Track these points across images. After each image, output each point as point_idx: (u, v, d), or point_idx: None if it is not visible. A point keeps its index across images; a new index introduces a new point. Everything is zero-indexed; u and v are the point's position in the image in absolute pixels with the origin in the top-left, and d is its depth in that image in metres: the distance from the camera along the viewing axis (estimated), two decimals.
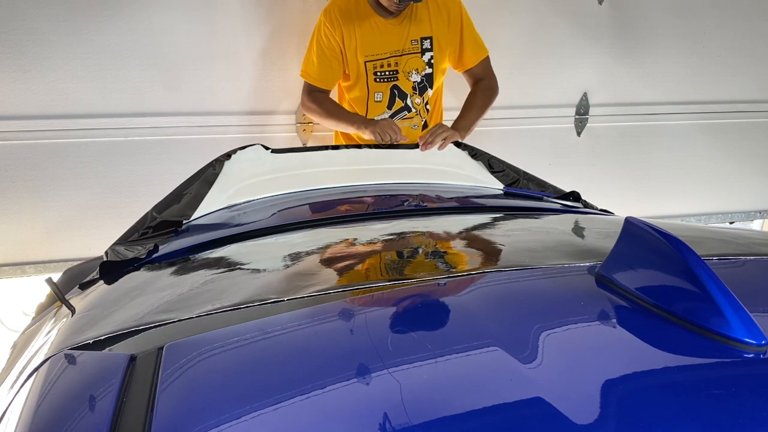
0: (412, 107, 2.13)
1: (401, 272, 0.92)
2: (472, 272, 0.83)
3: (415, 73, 2.09)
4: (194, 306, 0.77)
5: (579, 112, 2.86)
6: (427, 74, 2.11)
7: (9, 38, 2.15)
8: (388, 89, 2.11)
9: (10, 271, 2.37)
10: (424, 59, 2.09)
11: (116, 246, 1.26)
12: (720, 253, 0.81)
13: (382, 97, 2.12)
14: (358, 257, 1.02)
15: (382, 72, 2.09)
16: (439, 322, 0.67)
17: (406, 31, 2.05)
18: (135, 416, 0.53)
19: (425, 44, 2.08)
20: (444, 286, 0.77)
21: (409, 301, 0.75)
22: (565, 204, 1.52)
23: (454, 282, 0.78)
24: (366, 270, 0.94)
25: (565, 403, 0.48)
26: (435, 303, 0.75)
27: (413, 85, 2.11)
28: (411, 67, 2.08)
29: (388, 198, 1.57)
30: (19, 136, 2.25)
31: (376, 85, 2.10)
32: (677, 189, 3.12)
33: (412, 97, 2.12)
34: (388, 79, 2.10)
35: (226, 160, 1.60)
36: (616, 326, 0.64)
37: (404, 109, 2.13)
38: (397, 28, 2.05)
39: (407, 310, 0.72)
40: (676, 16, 2.84)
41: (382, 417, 0.48)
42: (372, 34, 2.06)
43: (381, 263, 0.97)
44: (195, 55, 2.35)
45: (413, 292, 0.76)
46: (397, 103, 2.12)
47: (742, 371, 0.53)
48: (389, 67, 2.09)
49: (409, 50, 2.07)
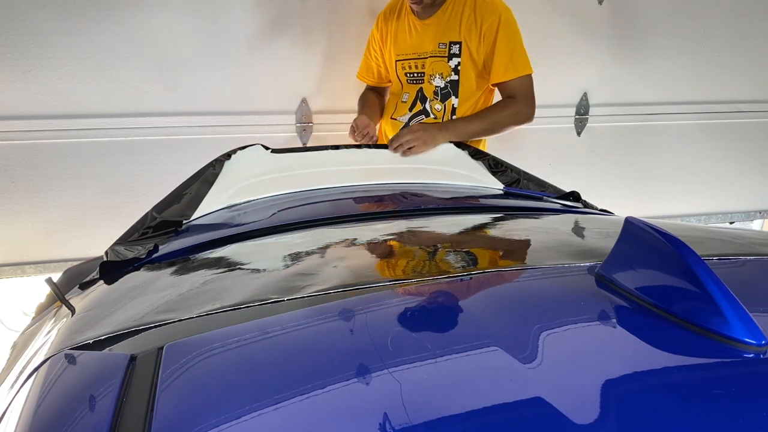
0: (431, 112, 2.05)
1: (401, 272, 0.92)
2: (472, 272, 0.83)
3: (439, 77, 2.01)
4: (194, 306, 0.77)
5: (579, 112, 2.86)
6: (452, 81, 2.00)
7: (9, 38, 2.15)
8: (414, 91, 2.09)
9: (10, 271, 2.38)
10: (450, 64, 1.99)
11: (116, 246, 1.26)
12: (720, 253, 0.81)
13: (408, 98, 2.10)
14: (358, 257, 1.02)
15: (411, 74, 2.08)
16: (439, 322, 0.67)
17: (435, 34, 2.00)
18: (135, 416, 0.53)
19: (453, 49, 1.98)
20: (444, 286, 0.77)
21: (409, 301, 0.75)
22: (565, 204, 1.52)
23: (454, 282, 0.78)
24: (366, 270, 0.94)
25: (565, 403, 0.48)
26: (435, 303, 0.75)
27: (435, 89, 2.03)
28: (435, 70, 2.01)
29: (388, 198, 1.57)
30: (19, 136, 2.25)
31: (408, 86, 2.10)
32: (677, 189, 3.12)
33: (432, 102, 2.04)
34: (416, 81, 2.08)
35: (226, 160, 1.60)
36: (616, 326, 0.64)
37: (422, 113, 2.07)
38: (427, 29, 2.02)
39: (407, 310, 0.72)
40: (676, 16, 2.84)
41: (382, 417, 0.48)
42: (403, 34, 2.06)
43: (381, 263, 0.97)
44: (195, 55, 2.35)
45: (413, 292, 0.76)
46: (417, 106, 2.08)
47: (742, 371, 0.53)
48: (416, 69, 2.06)
49: (434, 53, 2.01)
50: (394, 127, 2.11)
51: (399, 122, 2.11)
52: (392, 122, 2.13)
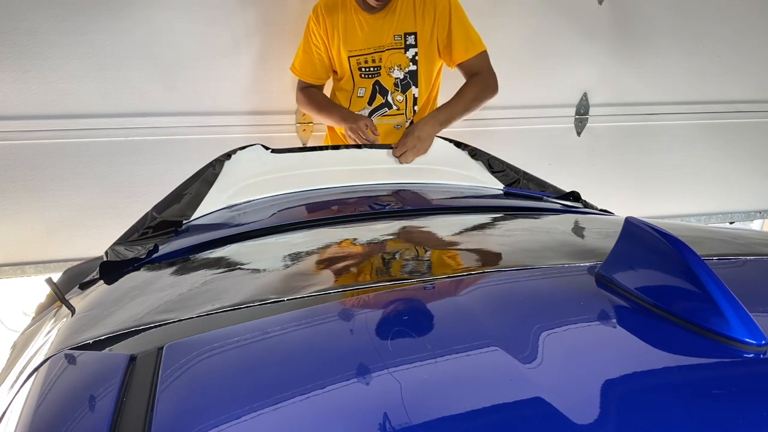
0: (393, 104, 2.09)
1: (402, 272, 0.92)
2: (472, 272, 0.83)
3: (398, 69, 2.05)
4: (194, 306, 0.77)
5: (579, 112, 2.86)
6: (411, 71, 2.06)
7: (9, 38, 2.16)
8: (370, 85, 2.09)
9: (10, 271, 2.38)
10: (407, 55, 2.05)
11: (116, 246, 1.26)
12: (720, 253, 0.81)
13: (364, 92, 2.10)
14: (359, 257, 1.02)
15: (366, 68, 2.08)
16: (439, 322, 0.67)
17: (389, 27, 2.03)
18: (135, 416, 0.53)
19: (409, 40, 2.03)
20: (444, 286, 0.77)
21: (410, 301, 0.75)
22: (565, 204, 1.52)
23: (454, 282, 0.78)
24: (366, 270, 0.94)
25: (565, 403, 0.48)
26: (435, 303, 0.75)
27: (395, 81, 2.07)
28: (393, 63, 2.05)
29: (389, 198, 1.57)
30: (19, 136, 2.25)
31: (361, 80, 2.09)
32: (677, 189, 3.12)
33: (393, 94, 2.08)
34: (371, 75, 2.08)
35: (226, 160, 1.60)
36: (616, 326, 0.64)
37: (384, 106, 2.10)
38: (379, 23, 2.03)
39: (407, 310, 0.72)
40: (676, 16, 2.84)
41: (381, 417, 0.48)
42: (354, 29, 2.05)
43: (381, 263, 0.97)
44: (195, 55, 2.35)
45: (413, 292, 0.76)
46: (378, 99, 2.09)
47: (742, 371, 0.53)
48: (372, 63, 2.06)
49: (391, 45, 2.04)
50: None
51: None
52: None
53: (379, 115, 2.11)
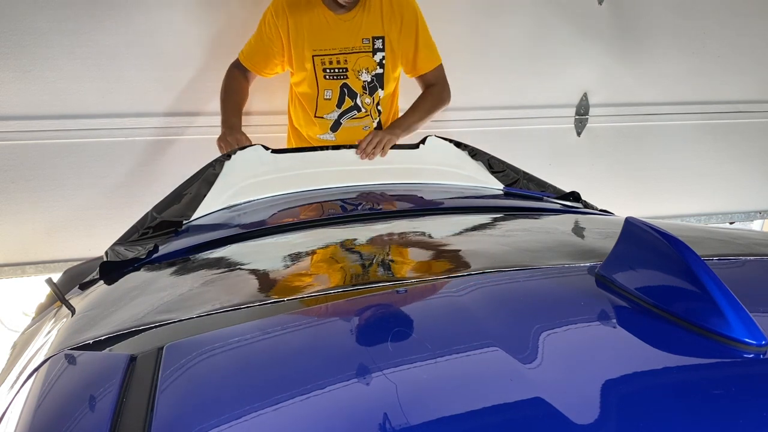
0: (362, 107, 2.08)
1: (401, 273, 0.92)
2: (472, 272, 0.83)
3: (366, 72, 2.04)
4: (194, 306, 0.77)
5: (579, 112, 2.86)
6: (378, 74, 2.05)
7: (9, 38, 2.16)
8: (337, 87, 2.05)
9: (10, 271, 2.38)
10: (375, 59, 2.03)
11: (116, 246, 1.26)
12: (720, 253, 0.81)
13: (331, 95, 2.07)
14: (358, 257, 1.02)
15: (332, 69, 2.04)
16: (439, 322, 0.67)
17: (358, 29, 2.00)
18: (135, 416, 0.53)
19: (377, 44, 2.02)
20: (444, 286, 0.77)
21: (410, 301, 0.75)
22: (565, 204, 1.52)
23: (454, 282, 0.78)
24: (366, 270, 0.94)
25: (565, 404, 0.48)
26: (435, 303, 0.75)
27: (363, 84, 2.05)
28: (361, 66, 2.03)
29: (388, 198, 1.57)
30: (19, 136, 2.25)
31: (326, 82, 2.05)
32: (677, 189, 3.12)
33: (362, 97, 2.07)
34: (337, 76, 2.04)
35: (226, 160, 1.60)
36: (616, 326, 0.64)
37: (354, 109, 2.08)
38: (348, 24, 2.00)
39: (407, 310, 0.72)
40: (676, 16, 2.84)
41: (381, 417, 0.48)
42: (321, 28, 2.00)
43: (381, 263, 0.97)
44: (195, 55, 2.36)
45: (413, 292, 0.76)
46: (347, 102, 2.07)
47: (742, 371, 0.53)
48: (338, 64, 2.03)
49: (359, 48, 2.01)
50: (321, 126, 2.10)
51: (327, 120, 2.09)
52: (319, 121, 2.10)
53: (348, 118, 2.09)
